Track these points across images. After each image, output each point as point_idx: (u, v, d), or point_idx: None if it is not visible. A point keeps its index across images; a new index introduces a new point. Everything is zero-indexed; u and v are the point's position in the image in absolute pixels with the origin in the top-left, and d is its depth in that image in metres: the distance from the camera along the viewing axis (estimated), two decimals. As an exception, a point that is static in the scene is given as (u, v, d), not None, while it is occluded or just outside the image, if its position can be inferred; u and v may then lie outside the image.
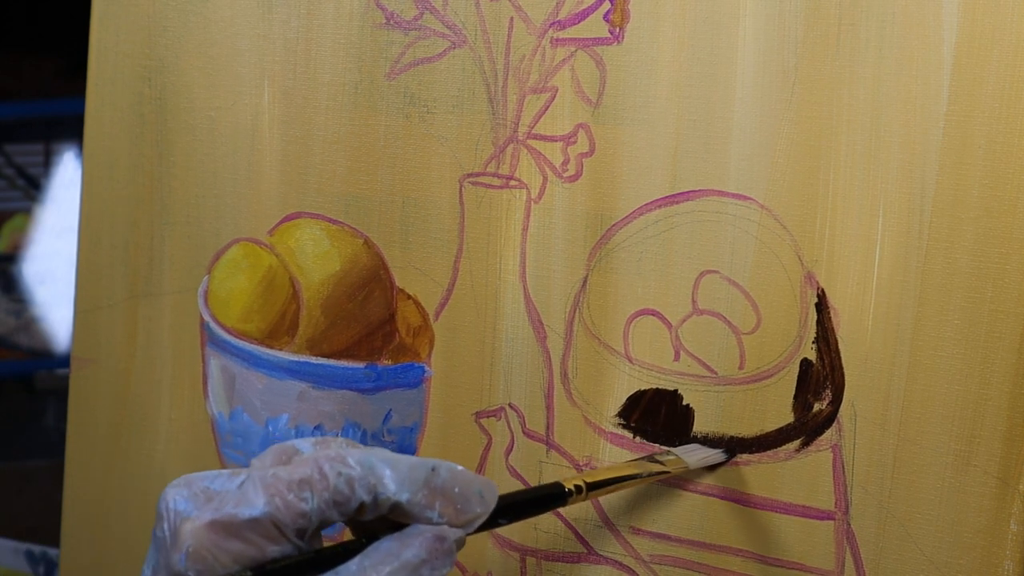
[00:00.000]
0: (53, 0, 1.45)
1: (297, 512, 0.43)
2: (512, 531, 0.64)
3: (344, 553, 0.45)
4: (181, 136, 0.71)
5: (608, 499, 0.61)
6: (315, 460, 0.44)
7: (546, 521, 0.63)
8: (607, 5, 0.60)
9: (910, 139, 0.54)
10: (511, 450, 0.64)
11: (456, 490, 0.46)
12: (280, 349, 0.68)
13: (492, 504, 0.47)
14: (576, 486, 0.53)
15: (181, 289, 0.72)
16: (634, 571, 0.61)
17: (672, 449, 0.59)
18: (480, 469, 0.64)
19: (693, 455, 0.58)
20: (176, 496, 0.45)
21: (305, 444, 0.47)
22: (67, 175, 1.57)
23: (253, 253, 0.69)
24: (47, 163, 1.58)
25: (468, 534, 0.47)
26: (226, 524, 0.43)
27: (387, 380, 0.66)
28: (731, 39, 0.57)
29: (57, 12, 1.46)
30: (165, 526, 0.44)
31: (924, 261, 0.54)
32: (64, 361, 1.55)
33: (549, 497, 0.52)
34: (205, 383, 0.72)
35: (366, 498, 0.44)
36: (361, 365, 0.66)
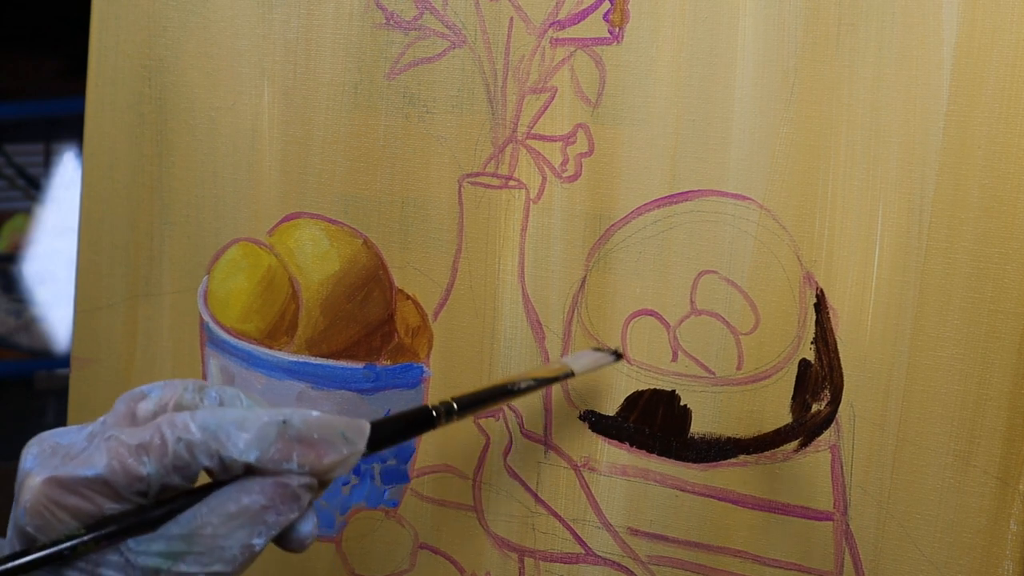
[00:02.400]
0: (53, 0, 1.45)
1: (135, 476, 0.43)
2: (510, 532, 0.64)
3: (184, 503, 0.44)
4: (181, 136, 0.71)
5: (605, 499, 0.61)
6: (157, 425, 0.44)
7: (544, 522, 0.63)
8: (607, 5, 0.60)
9: (910, 139, 0.54)
10: (509, 450, 0.64)
11: (315, 436, 0.45)
12: (279, 349, 0.68)
13: (361, 443, 0.46)
14: (445, 405, 0.51)
15: (181, 289, 0.72)
16: (632, 572, 0.61)
17: (563, 358, 0.58)
18: (479, 469, 0.64)
19: (579, 360, 0.58)
20: (27, 454, 0.45)
21: (154, 388, 0.46)
22: (67, 175, 1.57)
23: (253, 253, 0.69)
24: (47, 163, 1.58)
25: (344, 474, 0.46)
26: (64, 481, 0.43)
27: (386, 380, 0.66)
28: (731, 39, 0.57)
29: (57, 12, 1.46)
30: (17, 483, 0.44)
31: (924, 261, 0.54)
32: (64, 361, 1.55)
33: (416, 422, 0.50)
34: (204, 383, 0.72)
35: (208, 463, 0.44)
36: (360, 365, 0.66)
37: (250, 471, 0.44)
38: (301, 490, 0.45)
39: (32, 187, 1.58)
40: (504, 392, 0.55)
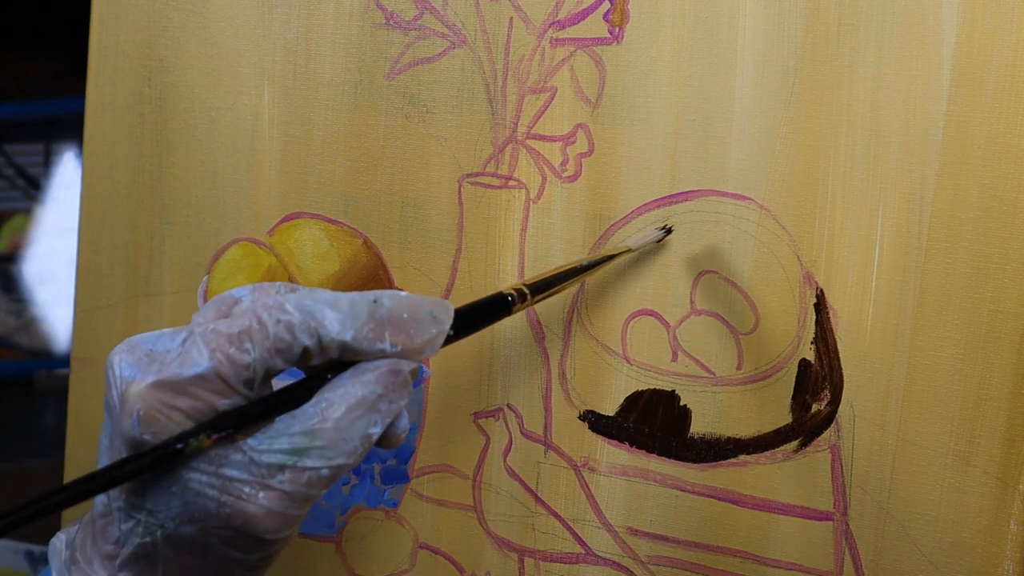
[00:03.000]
0: (53, 0, 1.45)
1: (240, 364, 0.43)
2: (510, 532, 0.64)
3: (299, 395, 0.44)
4: (181, 136, 0.71)
5: (605, 499, 0.61)
6: (253, 311, 0.43)
7: (544, 522, 0.63)
8: (607, 5, 0.60)
9: (910, 139, 0.54)
10: (509, 450, 0.64)
11: (405, 316, 0.45)
12: (279, 349, 0.68)
13: (447, 321, 0.46)
14: (518, 290, 0.51)
15: (181, 289, 0.72)
16: (632, 572, 0.61)
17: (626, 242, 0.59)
18: (479, 469, 0.64)
19: (633, 239, 0.58)
20: (121, 362, 0.44)
21: (244, 291, 0.46)
22: (67, 175, 1.57)
23: (253, 253, 0.69)
24: (47, 163, 1.58)
25: (432, 355, 0.46)
26: (172, 383, 0.42)
27: (386, 380, 0.66)
28: (731, 39, 0.57)
29: (57, 12, 1.46)
30: (114, 393, 0.43)
31: (924, 261, 0.54)
32: (64, 361, 1.54)
33: (493, 306, 0.50)
34: (204, 383, 0.71)
35: (308, 342, 0.43)
36: (360, 365, 0.66)
37: (345, 352, 0.44)
38: (410, 377, 0.45)
39: (32, 187, 1.57)
40: (571, 272, 0.55)
